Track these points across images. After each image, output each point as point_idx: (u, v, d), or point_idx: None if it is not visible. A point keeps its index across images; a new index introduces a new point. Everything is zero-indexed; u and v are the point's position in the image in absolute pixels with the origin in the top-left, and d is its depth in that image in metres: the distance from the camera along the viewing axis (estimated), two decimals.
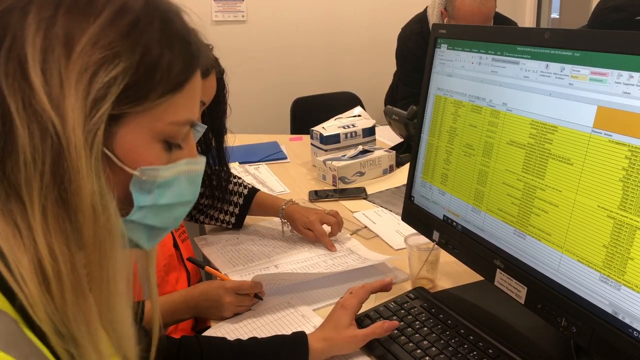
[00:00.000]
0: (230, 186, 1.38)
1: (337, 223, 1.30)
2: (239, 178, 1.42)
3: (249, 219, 1.42)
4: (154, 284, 0.63)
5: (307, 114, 2.92)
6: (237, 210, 1.37)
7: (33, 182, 0.44)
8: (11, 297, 0.44)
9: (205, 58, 0.55)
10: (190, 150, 0.56)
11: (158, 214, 0.54)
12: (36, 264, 0.44)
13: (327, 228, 1.31)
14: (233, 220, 1.38)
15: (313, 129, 1.83)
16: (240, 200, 1.37)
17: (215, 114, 1.23)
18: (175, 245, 1.21)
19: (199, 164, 0.57)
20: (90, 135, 0.46)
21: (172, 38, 0.51)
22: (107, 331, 0.49)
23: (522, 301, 0.82)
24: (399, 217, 1.21)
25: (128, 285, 0.52)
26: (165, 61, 0.50)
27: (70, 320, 0.46)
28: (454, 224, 0.99)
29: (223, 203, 1.37)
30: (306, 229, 1.29)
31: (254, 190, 1.39)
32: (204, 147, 1.27)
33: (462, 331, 0.90)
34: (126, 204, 0.52)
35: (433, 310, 0.97)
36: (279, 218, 1.35)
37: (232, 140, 1.17)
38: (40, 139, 0.44)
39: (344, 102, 2.91)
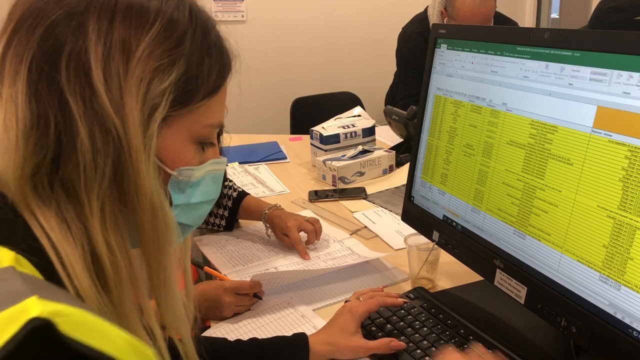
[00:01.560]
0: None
1: (313, 231, 1.27)
2: (230, 180, 1.43)
3: (247, 220, 1.42)
4: (189, 272, 0.68)
5: (307, 114, 2.92)
6: (226, 213, 1.38)
7: (93, 183, 0.46)
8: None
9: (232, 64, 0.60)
10: (215, 151, 0.60)
11: (189, 212, 0.58)
12: (89, 259, 0.46)
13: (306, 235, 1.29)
14: (223, 223, 1.38)
15: (313, 129, 1.83)
16: (230, 204, 1.37)
17: None
18: None
19: (222, 163, 0.61)
20: (149, 140, 0.49)
21: (211, 46, 0.55)
22: (165, 315, 0.53)
23: (522, 301, 0.82)
24: (399, 217, 1.21)
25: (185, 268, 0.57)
26: (206, 68, 0.54)
27: (126, 312, 0.48)
28: (454, 224, 0.99)
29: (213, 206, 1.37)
30: (283, 235, 1.28)
31: (243, 194, 1.39)
32: None
33: (462, 331, 0.90)
34: None
35: (433, 310, 0.97)
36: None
37: (229, 140, 1.17)
38: (102, 141, 0.46)
39: (343, 102, 2.91)
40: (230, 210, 1.37)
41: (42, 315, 0.35)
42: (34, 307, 0.36)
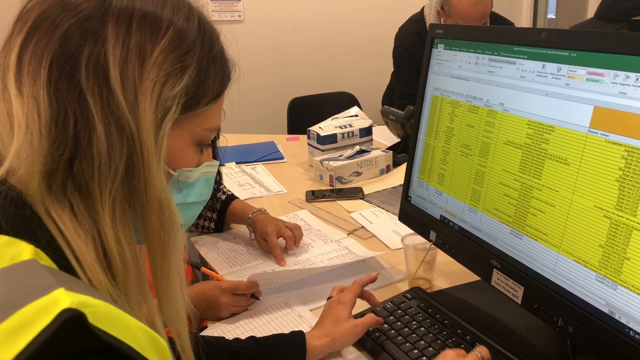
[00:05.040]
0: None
1: (291, 237, 1.25)
2: (222, 184, 1.43)
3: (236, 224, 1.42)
4: (182, 272, 0.71)
5: (304, 114, 2.92)
6: (215, 216, 1.38)
7: (107, 179, 0.48)
8: None
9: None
10: (209, 154, 0.63)
11: (183, 211, 0.60)
12: (100, 253, 0.48)
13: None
14: (213, 225, 1.38)
15: (310, 129, 1.83)
16: (218, 206, 1.38)
17: None
18: None
19: (215, 166, 0.64)
20: (161, 140, 0.51)
21: (216, 55, 0.58)
22: (164, 310, 0.55)
23: (519, 301, 0.82)
24: (396, 217, 1.21)
25: (180, 269, 0.58)
26: (211, 75, 0.57)
27: (132, 305, 0.50)
28: (451, 224, 0.99)
29: (205, 209, 1.38)
30: (262, 240, 1.27)
31: (231, 198, 1.40)
32: None
33: (459, 331, 0.90)
34: None
35: (430, 310, 0.97)
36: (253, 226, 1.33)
37: (224, 142, 1.17)
38: (117, 138, 0.49)
39: (341, 102, 2.91)
40: (219, 213, 1.38)
41: (72, 307, 0.37)
42: (63, 298, 0.38)
